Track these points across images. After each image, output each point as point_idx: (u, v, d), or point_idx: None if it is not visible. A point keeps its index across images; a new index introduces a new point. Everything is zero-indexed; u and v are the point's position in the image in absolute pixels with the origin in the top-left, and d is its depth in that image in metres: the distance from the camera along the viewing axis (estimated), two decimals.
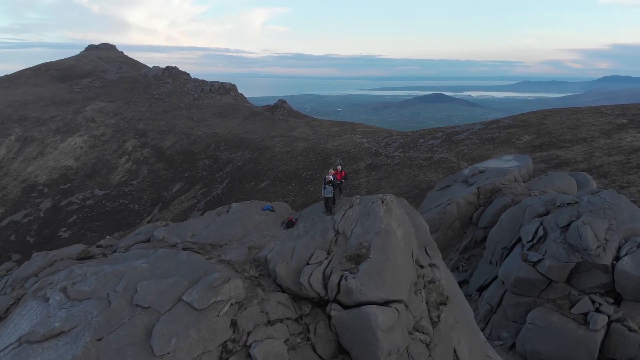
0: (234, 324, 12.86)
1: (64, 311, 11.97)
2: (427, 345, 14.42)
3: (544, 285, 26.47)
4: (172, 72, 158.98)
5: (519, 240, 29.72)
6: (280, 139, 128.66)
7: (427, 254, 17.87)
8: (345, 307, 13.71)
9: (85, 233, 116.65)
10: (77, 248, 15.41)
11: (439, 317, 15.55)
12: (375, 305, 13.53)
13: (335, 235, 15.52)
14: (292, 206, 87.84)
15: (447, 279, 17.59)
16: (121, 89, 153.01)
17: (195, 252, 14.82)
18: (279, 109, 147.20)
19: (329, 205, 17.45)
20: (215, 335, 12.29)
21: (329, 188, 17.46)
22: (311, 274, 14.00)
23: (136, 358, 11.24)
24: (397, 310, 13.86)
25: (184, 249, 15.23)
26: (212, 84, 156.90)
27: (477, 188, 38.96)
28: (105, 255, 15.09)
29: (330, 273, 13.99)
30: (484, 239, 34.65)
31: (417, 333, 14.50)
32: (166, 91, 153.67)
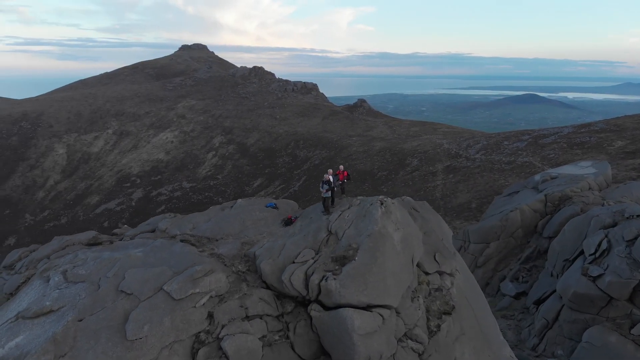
0: (210, 316, 13.14)
1: (57, 292, 13.05)
2: (420, 354, 14.02)
3: (604, 302, 24.67)
4: (258, 72, 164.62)
5: (582, 252, 27.88)
6: (357, 138, 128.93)
7: (436, 261, 17.26)
8: (327, 308, 13.60)
9: None
10: (89, 234, 16.72)
11: (439, 326, 15.00)
12: (352, 309, 13.27)
13: (327, 236, 15.43)
14: None
15: (466, 289, 16.99)
16: (210, 87, 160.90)
17: (192, 244, 15.43)
18: (358, 108, 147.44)
19: (327, 205, 17.44)
20: (189, 326, 12.68)
21: (327, 188, 17.41)
22: (293, 273, 14.00)
23: (109, 340, 11.91)
24: (380, 315, 13.56)
25: (181, 241, 15.87)
26: (295, 83, 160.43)
27: (545, 195, 36.87)
28: (111, 243, 16.22)
29: (312, 273, 13.92)
30: (548, 249, 32.80)
31: (409, 341, 14.14)
32: (252, 90, 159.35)
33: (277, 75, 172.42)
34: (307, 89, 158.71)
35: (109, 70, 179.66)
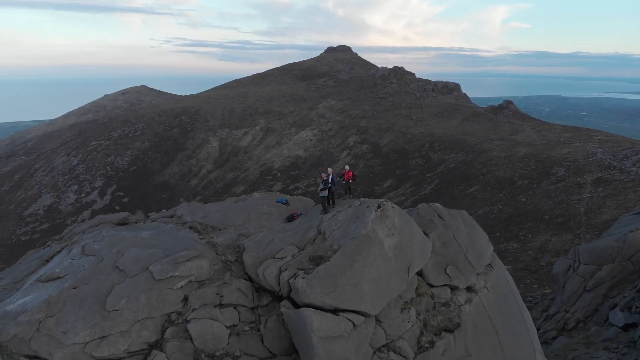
0: (186, 299, 13.83)
1: (69, 262, 14.86)
2: None
3: None
4: (397, 72, 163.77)
5: None
6: (499, 142, 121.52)
7: (447, 274, 16.03)
8: (297, 306, 13.41)
9: None
10: (120, 215, 18.39)
11: (432, 343, 13.73)
12: (313, 309, 12.97)
13: (315, 235, 15.18)
14: (498, 215, 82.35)
15: (493, 309, 15.23)
16: (350, 88, 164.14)
17: (197, 231, 16.27)
18: (503, 110, 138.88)
19: (325, 205, 17.08)
20: (163, 305, 13.53)
21: (322, 187, 17.16)
22: (267, 267, 14.06)
23: (91, 307, 13.24)
24: (350, 321, 13.02)
25: (190, 227, 16.71)
26: (436, 83, 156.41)
27: None
28: (135, 224, 17.49)
29: (285, 269, 13.85)
30: None
31: (390, 353, 13.44)
32: (390, 91, 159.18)
33: (422, 75, 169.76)
34: (448, 88, 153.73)
35: (260, 71, 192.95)
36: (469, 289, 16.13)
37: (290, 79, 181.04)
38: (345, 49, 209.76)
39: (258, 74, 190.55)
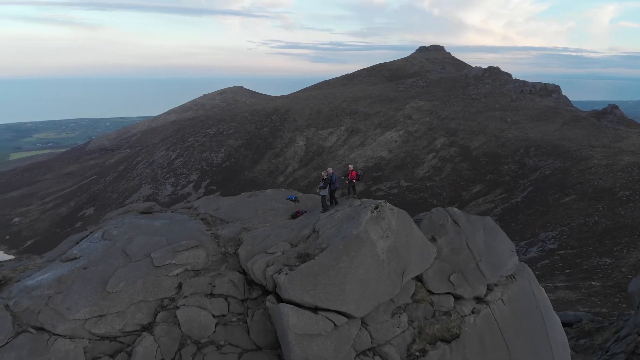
0: (180, 286, 14.32)
1: (87, 244, 15.99)
2: None
3: None
4: (492, 73, 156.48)
5: None
6: (600, 149, 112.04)
7: (450, 282, 15.20)
8: (282, 301, 13.34)
9: None
10: (146, 205, 19.20)
11: (424, 352, 12.72)
12: (291, 306, 12.90)
13: (310, 233, 15.07)
14: (593, 228, 76.65)
15: (505, 323, 13.85)
16: (440, 88, 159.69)
17: (207, 222, 16.59)
18: (607, 115, 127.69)
19: (325, 204, 16.93)
20: (158, 290, 14.14)
21: (322, 186, 16.99)
22: (256, 262, 14.13)
23: (94, 287, 14.12)
24: (330, 321, 12.80)
25: (202, 219, 17.04)
26: (534, 85, 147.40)
27: None
28: (158, 213, 18.08)
29: (272, 264, 13.82)
30: None
31: (376, 357, 13.07)
32: (484, 92, 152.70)
33: (522, 76, 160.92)
34: (547, 91, 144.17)
35: (348, 72, 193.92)
36: (479, 299, 15.08)
37: (379, 79, 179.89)
38: (437, 49, 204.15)
39: (346, 74, 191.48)
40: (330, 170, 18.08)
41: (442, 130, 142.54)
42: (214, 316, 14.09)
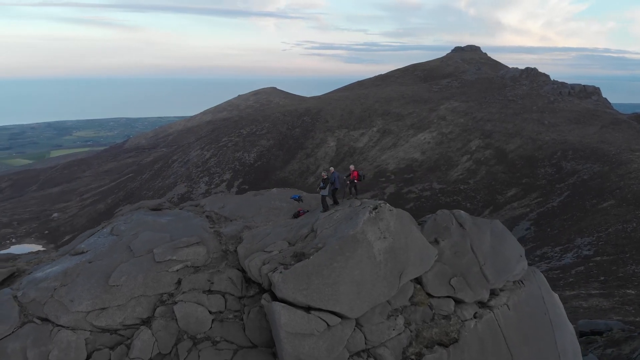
0: (179, 282, 14.48)
1: (95, 239, 16.39)
2: None
3: None
4: (530, 74, 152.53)
5: None
6: None
7: (451, 285, 14.82)
8: (276, 300, 13.33)
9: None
10: (157, 202, 19.53)
11: (420, 355, 12.34)
12: (283, 304, 12.85)
13: (308, 232, 14.98)
14: (631, 235, 74.44)
15: (510, 329, 13.31)
16: (476, 89, 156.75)
17: (212, 220, 16.58)
18: None
19: (325, 204, 16.91)
20: (157, 285, 14.34)
21: (327, 187, 17.00)
22: (253, 260, 14.13)
23: (97, 281, 14.46)
24: (323, 320, 12.68)
25: (207, 216, 17.09)
26: (572, 86, 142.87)
27: None
28: (168, 210, 18.28)
29: (267, 263, 13.79)
30: None
31: (370, 359, 12.92)
32: (520, 93, 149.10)
33: (561, 78, 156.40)
34: (587, 92, 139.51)
35: (382, 73, 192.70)
36: (482, 304, 14.66)
37: (412, 79, 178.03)
38: (474, 49, 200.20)
39: (380, 75, 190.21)
40: (331, 169, 18.05)
41: (477, 132, 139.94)
42: (210, 312, 14.22)
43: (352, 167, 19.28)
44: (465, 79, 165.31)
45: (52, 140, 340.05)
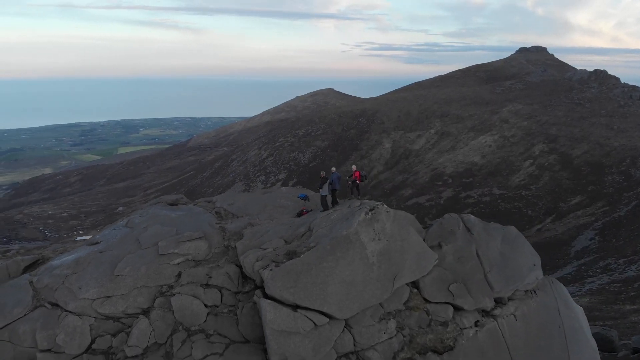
0: (179, 275, 14.86)
1: (109, 231, 17.32)
2: None
3: None
4: (599, 76, 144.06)
5: None
6: None
7: (450, 291, 14.29)
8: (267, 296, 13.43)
9: None
10: (174, 197, 20.01)
11: None
12: (270, 301, 12.88)
13: (305, 231, 14.90)
14: None
15: (514, 340, 12.44)
16: (541, 92, 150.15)
17: (220, 216, 16.65)
18: None
19: (324, 203, 16.79)
20: (158, 277, 14.80)
21: (325, 186, 16.92)
22: (248, 256, 14.23)
23: (104, 270, 15.06)
24: (310, 320, 12.62)
25: (216, 212, 17.18)
26: None
27: None
28: (185, 205, 18.69)
29: (260, 259, 13.85)
30: None
31: None
32: (588, 96, 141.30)
33: (633, 81, 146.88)
34: None
35: (442, 73, 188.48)
36: (486, 313, 13.96)
37: (474, 81, 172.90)
38: (540, 50, 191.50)
39: (440, 76, 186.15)
40: (333, 169, 18.06)
41: (541, 136, 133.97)
42: (206, 306, 14.53)
43: (354, 167, 19.08)
44: (530, 80, 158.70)
45: (120, 137, 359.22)
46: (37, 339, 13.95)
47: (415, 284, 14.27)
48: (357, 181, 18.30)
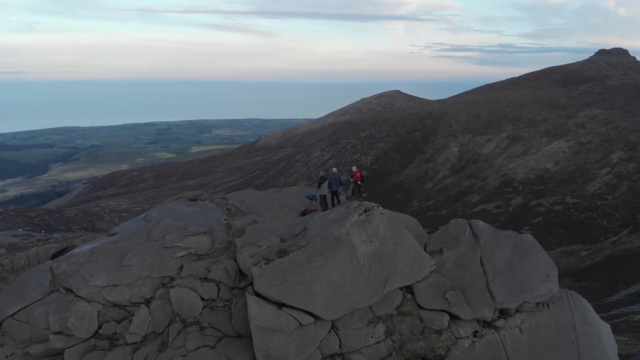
0: (181, 268, 15.33)
1: (128, 223, 18.12)
2: None
3: None
4: None
5: None
6: None
7: (446, 299, 13.81)
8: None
9: (546, 237, 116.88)
10: (195, 193, 20.60)
11: None
12: (255, 297, 12.95)
13: (301, 231, 14.91)
14: None
15: (516, 354, 10.89)
16: (621, 96, 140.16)
17: (230, 213, 17.02)
18: None
19: (323, 204, 16.76)
20: (162, 269, 15.33)
21: (324, 186, 16.81)
22: (242, 253, 14.46)
23: (115, 260, 15.75)
24: (294, 318, 12.57)
25: (227, 209, 18.11)
26: None
27: None
28: (202, 201, 19.08)
29: (253, 257, 13.98)
30: None
31: None
32: None
33: None
34: None
35: (515, 75, 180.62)
36: (487, 323, 13.13)
37: (548, 83, 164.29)
38: (620, 52, 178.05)
39: (512, 78, 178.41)
40: (334, 169, 17.90)
41: (620, 142, 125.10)
42: (203, 299, 14.86)
43: (354, 168, 18.80)
44: (609, 84, 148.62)
45: (193, 137, 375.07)
46: (50, 321, 14.89)
47: (410, 289, 13.77)
48: (359, 182, 17.99)
